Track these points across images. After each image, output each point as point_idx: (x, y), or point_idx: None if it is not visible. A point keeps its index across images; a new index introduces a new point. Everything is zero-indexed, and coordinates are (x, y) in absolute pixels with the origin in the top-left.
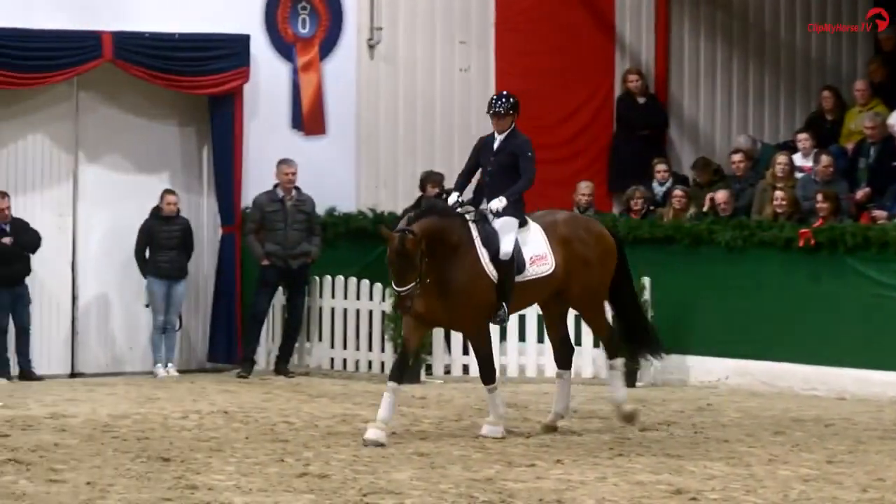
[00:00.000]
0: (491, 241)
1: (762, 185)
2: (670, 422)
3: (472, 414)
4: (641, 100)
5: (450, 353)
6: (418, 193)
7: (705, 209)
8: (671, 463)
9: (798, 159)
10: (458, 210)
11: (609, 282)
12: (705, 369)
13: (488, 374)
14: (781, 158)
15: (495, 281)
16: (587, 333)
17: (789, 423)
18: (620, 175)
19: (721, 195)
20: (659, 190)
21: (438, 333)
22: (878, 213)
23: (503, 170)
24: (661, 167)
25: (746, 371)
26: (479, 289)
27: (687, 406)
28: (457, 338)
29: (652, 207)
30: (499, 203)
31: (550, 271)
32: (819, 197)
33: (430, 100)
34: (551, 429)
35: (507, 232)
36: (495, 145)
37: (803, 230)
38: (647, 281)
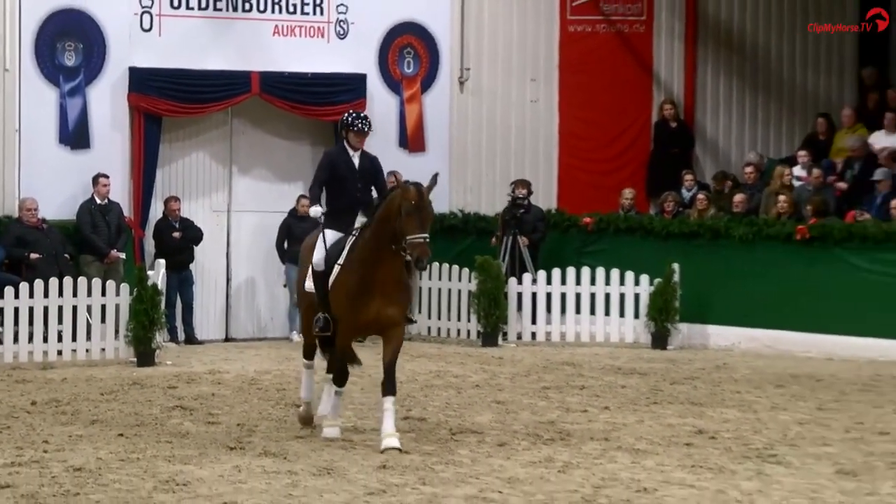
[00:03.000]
0: None
1: (768, 191)
2: (694, 377)
3: (539, 370)
4: (673, 125)
5: (521, 321)
6: (500, 199)
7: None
8: (694, 409)
9: (797, 171)
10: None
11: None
12: (722, 336)
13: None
14: (784, 170)
15: None
16: (630, 304)
17: (788, 379)
18: (656, 183)
19: (738, 198)
20: (686, 195)
21: (512, 303)
22: (859, 213)
23: (366, 186)
24: (688, 177)
25: (754, 337)
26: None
27: (707, 365)
28: (527, 308)
29: (681, 209)
30: None
31: None
32: (810, 204)
33: (507, 125)
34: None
35: None
36: (356, 162)
37: (800, 227)
38: (676, 266)
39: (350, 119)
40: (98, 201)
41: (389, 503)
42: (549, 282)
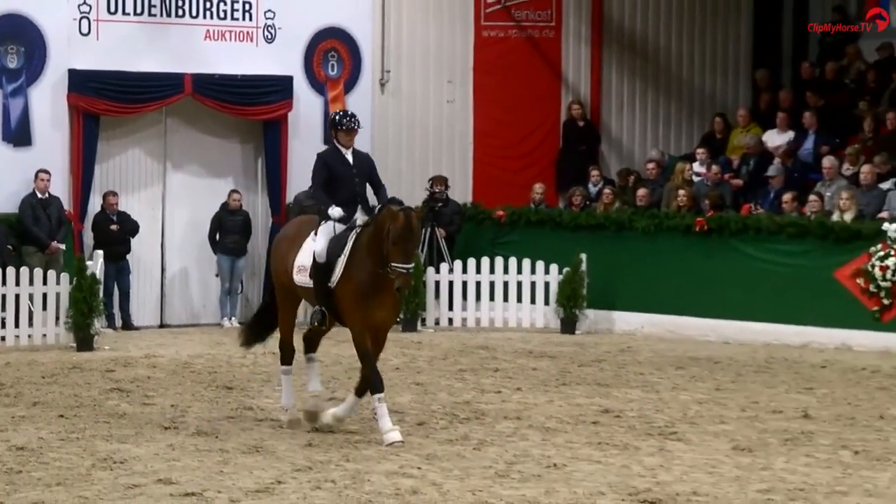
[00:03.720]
0: None
1: (669, 186)
2: (600, 360)
3: (455, 354)
4: (580, 124)
5: (439, 308)
6: (419, 193)
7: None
8: (601, 390)
9: (696, 167)
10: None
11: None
12: (626, 321)
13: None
14: (683, 166)
15: None
16: (540, 291)
17: (688, 361)
18: (565, 179)
19: (641, 192)
20: (593, 190)
21: (430, 291)
22: (754, 207)
23: (363, 181)
24: (594, 173)
25: (657, 323)
26: None
27: (612, 348)
28: (444, 296)
29: (588, 203)
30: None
31: None
32: (706, 200)
33: (425, 124)
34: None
35: None
36: (349, 159)
37: (699, 219)
38: (583, 256)
39: (339, 118)
40: (39, 195)
41: (315, 479)
42: (465, 271)
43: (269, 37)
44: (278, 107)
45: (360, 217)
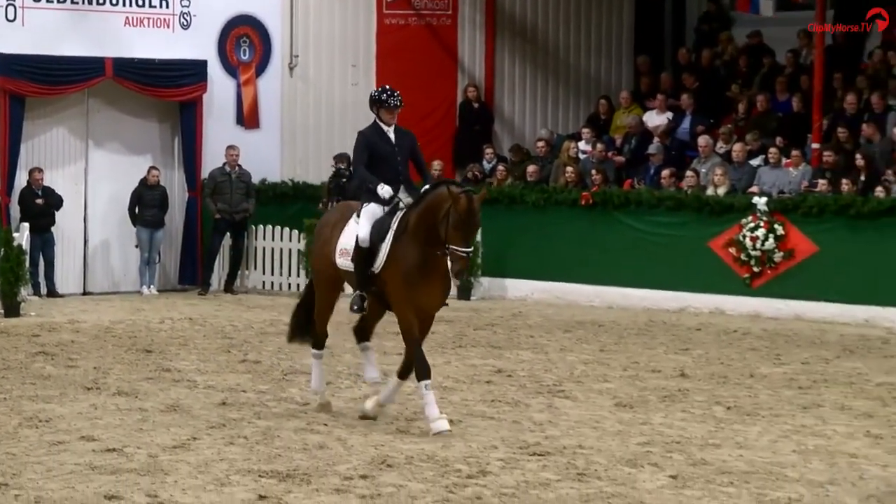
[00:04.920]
0: None
1: (557, 163)
2: (494, 324)
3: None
4: (476, 105)
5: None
6: (325, 170)
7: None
8: (494, 352)
9: (582, 145)
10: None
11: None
12: (518, 288)
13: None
14: (570, 145)
15: None
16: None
17: (574, 325)
18: (461, 156)
19: (531, 169)
20: (487, 166)
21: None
22: (635, 182)
23: (405, 160)
24: (489, 151)
25: (546, 289)
26: None
27: (505, 313)
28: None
29: (481, 177)
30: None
31: None
32: (594, 172)
33: (331, 105)
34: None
35: None
36: (392, 137)
37: (585, 193)
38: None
39: (383, 96)
40: None
41: (228, 435)
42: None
43: (185, 23)
44: (193, 89)
45: (403, 197)
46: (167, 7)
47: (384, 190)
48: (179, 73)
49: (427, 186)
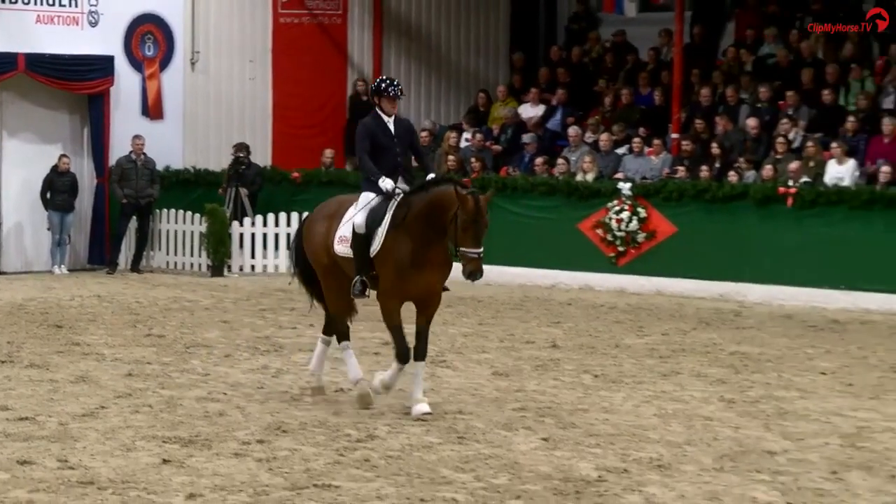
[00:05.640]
0: None
1: (440, 152)
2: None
3: (257, 296)
4: (364, 98)
5: (243, 256)
6: (225, 158)
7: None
8: (381, 325)
9: (463, 135)
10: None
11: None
12: None
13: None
14: (451, 135)
15: None
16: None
17: (455, 300)
18: (351, 145)
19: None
20: None
21: (235, 241)
22: (511, 169)
23: (404, 150)
24: None
25: None
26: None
27: None
28: (247, 246)
29: None
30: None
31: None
32: (473, 160)
33: (230, 98)
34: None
35: None
36: (392, 128)
37: (465, 179)
38: None
39: (383, 86)
40: None
41: (134, 404)
42: (265, 224)
43: (93, 21)
44: (101, 83)
45: (400, 186)
46: (76, 6)
47: (386, 183)
48: (88, 67)
49: (431, 177)
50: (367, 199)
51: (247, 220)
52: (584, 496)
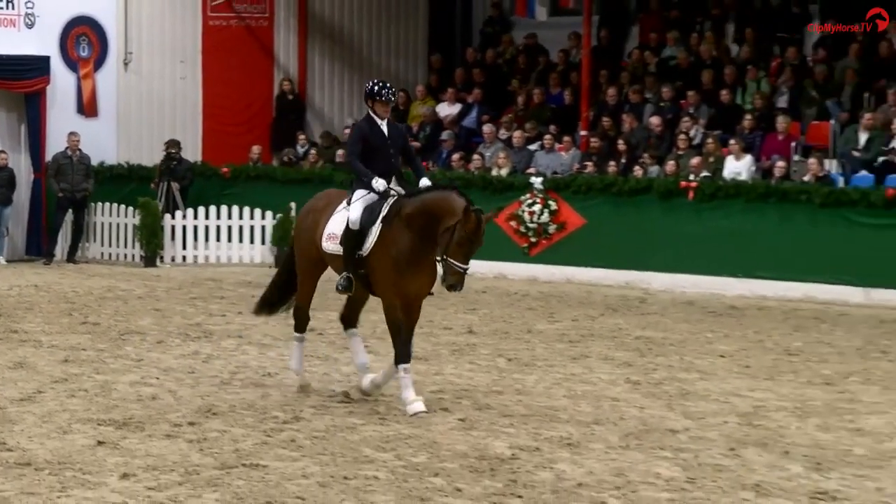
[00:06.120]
0: None
1: None
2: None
3: (188, 285)
4: (290, 97)
5: (174, 247)
6: (157, 154)
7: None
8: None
9: None
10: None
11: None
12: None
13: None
14: None
15: None
16: (258, 234)
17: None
18: (277, 142)
19: (340, 152)
20: (301, 151)
21: (167, 233)
22: (431, 164)
23: (397, 152)
24: (301, 137)
25: None
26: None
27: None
28: (179, 238)
29: (296, 161)
30: (428, 182)
31: None
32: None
33: (162, 97)
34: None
35: None
36: (385, 131)
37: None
38: (293, 205)
39: (377, 89)
40: None
41: (70, 389)
42: (196, 217)
43: (30, 23)
44: (38, 82)
45: (395, 188)
46: (13, 8)
47: (378, 184)
48: (25, 67)
49: (425, 182)
50: (364, 196)
51: (178, 213)
52: (498, 473)
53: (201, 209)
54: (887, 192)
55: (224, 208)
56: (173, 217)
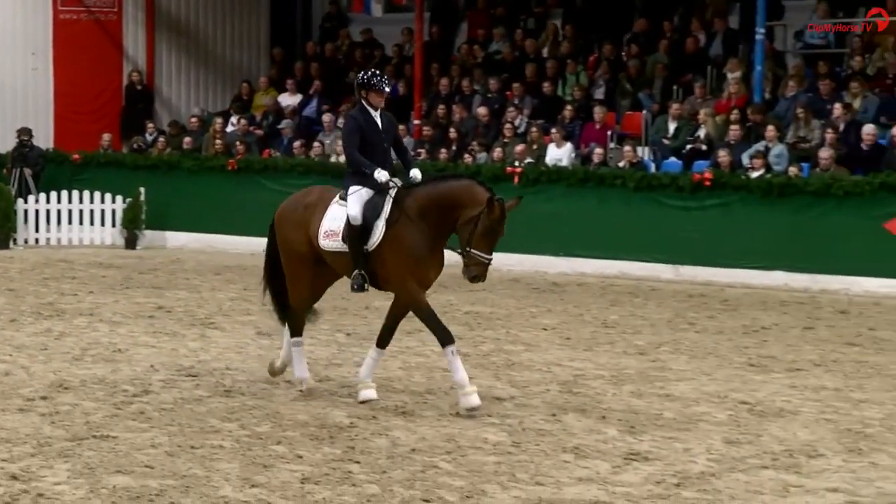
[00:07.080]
0: None
1: (207, 136)
2: (156, 269)
3: (41, 266)
4: (139, 87)
5: (27, 231)
6: (10, 142)
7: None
8: (156, 291)
9: (231, 122)
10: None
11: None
12: (176, 239)
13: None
14: (218, 120)
15: None
16: (108, 217)
17: (223, 269)
18: (127, 130)
19: (187, 140)
20: (149, 138)
21: (20, 217)
22: (273, 152)
23: (391, 143)
24: (150, 126)
25: (199, 240)
26: None
27: (165, 260)
28: (32, 221)
29: (145, 147)
30: (418, 173)
31: None
32: (238, 143)
33: (14, 87)
34: None
35: None
36: (378, 121)
37: (231, 160)
38: (142, 189)
39: (370, 79)
40: None
41: None
42: (48, 201)
43: None
44: None
45: (394, 179)
46: None
47: (381, 174)
48: None
49: (417, 174)
50: (360, 193)
51: (31, 198)
52: (337, 440)
53: (53, 194)
54: (694, 177)
55: (76, 193)
56: (26, 201)
